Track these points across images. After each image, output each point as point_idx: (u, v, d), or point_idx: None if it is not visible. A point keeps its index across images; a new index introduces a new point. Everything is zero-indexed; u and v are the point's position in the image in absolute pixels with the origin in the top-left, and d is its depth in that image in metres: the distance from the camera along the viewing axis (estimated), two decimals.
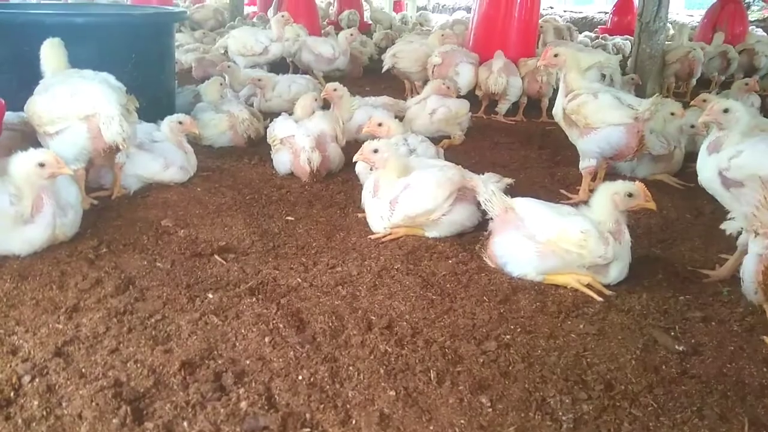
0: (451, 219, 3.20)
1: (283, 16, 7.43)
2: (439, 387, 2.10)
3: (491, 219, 2.99)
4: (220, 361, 2.17)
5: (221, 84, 5.09)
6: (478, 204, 3.13)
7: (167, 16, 5.11)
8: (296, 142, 4.06)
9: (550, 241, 2.74)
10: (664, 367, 2.28)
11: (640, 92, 6.61)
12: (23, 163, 2.76)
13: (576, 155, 4.07)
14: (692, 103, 4.52)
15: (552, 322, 2.54)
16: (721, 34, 8.51)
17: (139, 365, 2.11)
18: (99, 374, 2.05)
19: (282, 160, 4.23)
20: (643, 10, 7.16)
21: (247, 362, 2.18)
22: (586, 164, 3.96)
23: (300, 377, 2.11)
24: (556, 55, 3.94)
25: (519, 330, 2.47)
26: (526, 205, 2.91)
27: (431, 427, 1.91)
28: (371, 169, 3.41)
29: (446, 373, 2.18)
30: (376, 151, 3.20)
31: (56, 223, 2.86)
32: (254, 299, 2.60)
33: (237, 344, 2.28)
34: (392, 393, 2.05)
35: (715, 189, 3.12)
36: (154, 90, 4.65)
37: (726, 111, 3.14)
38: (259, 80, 5.77)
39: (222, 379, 2.08)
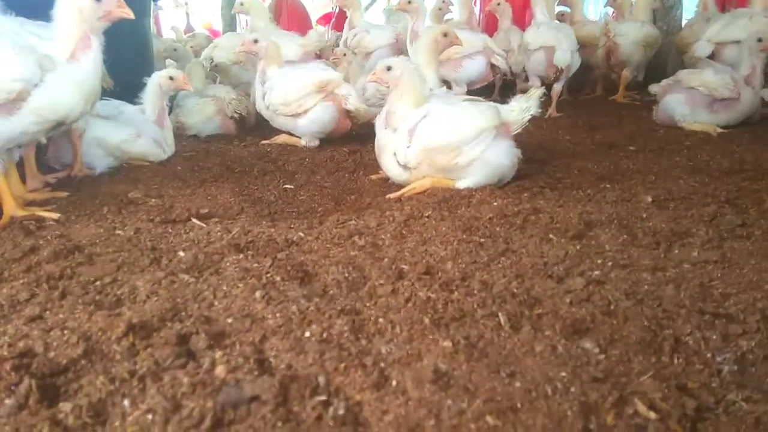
0: (484, 160, 2.53)
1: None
2: (516, 333, 1.40)
3: None
4: (188, 322, 1.47)
5: (203, 66, 4.50)
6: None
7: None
8: (342, 91, 3.60)
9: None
10: None
11: (661, 72, 5.88)
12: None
13: (611, 120, 3.46)
14: None
15: (652, 254, 1.85)
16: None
17: (66, 332, 1.41)
18: (2, 344, 1.36)
19: (322, 116, 3.60)
20: None
21: (229, 321, 1.48)
22: None
23: (307, 334, 1.41)
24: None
25: (610, 264, 1.78)
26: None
27: (518, 384, 1.21)
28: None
29: (521, 316, 1.49)
30: (389, 68, 2.56)
31: None
32: (241, 255, 1.91)
33: (215, 303, 1.59)
34: (447, 344, 1.35)
35: None
36: (130, 74, 4.07)
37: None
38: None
39: (190, 342, 1.39)
